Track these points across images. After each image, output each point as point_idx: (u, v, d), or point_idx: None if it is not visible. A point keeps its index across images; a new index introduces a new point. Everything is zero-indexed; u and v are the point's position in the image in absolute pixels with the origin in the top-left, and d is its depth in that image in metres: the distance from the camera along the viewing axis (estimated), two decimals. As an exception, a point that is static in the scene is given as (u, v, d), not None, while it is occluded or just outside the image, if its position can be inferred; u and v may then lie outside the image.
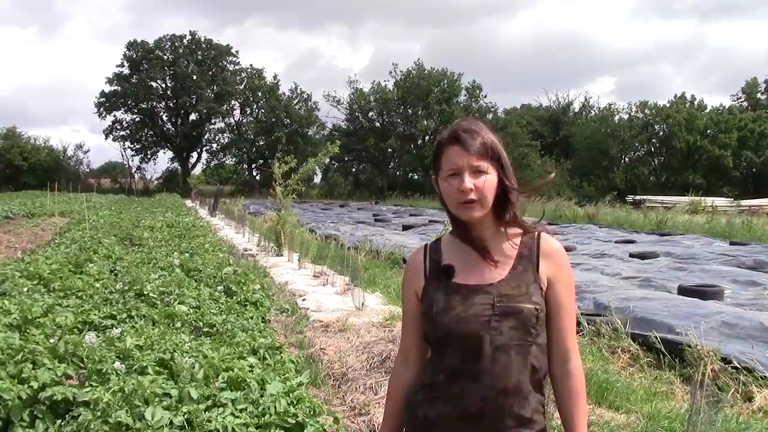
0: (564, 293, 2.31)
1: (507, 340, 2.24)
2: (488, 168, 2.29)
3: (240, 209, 30.65)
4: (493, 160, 2.30)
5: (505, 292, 2.26)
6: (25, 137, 72.87)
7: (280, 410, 4.50)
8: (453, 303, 2.34)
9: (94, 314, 7.46)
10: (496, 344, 2.25)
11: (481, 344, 2.26)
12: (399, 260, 15.87)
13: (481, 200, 2.29)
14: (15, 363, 5.14)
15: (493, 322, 2.24)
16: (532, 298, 2.25)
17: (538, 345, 2.28)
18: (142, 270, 10.75)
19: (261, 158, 76.63)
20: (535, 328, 2.25)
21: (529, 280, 2.28)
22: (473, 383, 2.29)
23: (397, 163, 79.53)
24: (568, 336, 2.32)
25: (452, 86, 73.56)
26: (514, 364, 2.24)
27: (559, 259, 2.34)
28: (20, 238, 19.95)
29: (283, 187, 17.94)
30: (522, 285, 2.27)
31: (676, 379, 7.11)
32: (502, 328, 2.24)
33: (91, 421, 4.27)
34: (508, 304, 2.23)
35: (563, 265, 2.34)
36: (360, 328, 8.87)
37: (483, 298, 2.27)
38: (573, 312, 2.32)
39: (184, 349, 5.79)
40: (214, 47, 77.47)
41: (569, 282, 2.33)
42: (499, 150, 2.33)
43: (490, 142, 2.31)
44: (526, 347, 2.25)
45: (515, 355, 2.24)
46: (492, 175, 2.30)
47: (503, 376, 2.25)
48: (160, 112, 78.13)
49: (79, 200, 37.56)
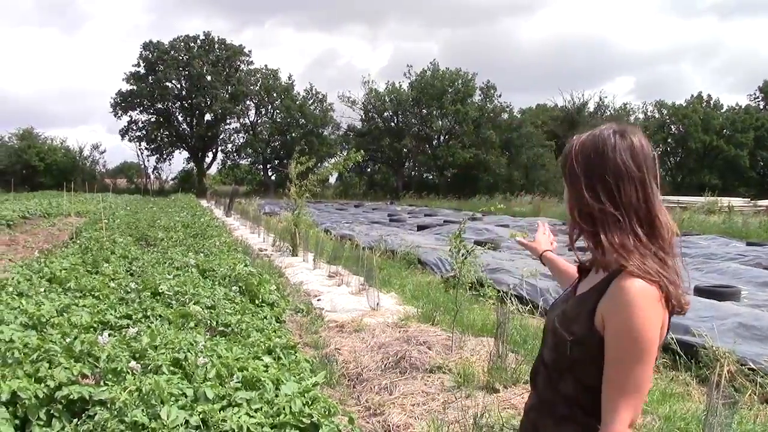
0: (612, 343, 1.99)
1: (547, 356, 2.23)
2: (565, 181, 2.20)
3: (255, 209, 30.77)
4: (563, 174, 2.20)
5: (567, 310, 2.20)
6: (42, 138, 73.20)
7: (295, 410, 4.50)
8: (556, 301, 2.39)
9: (110, 314, 7.48)
10: (543, 355, 2.27)
11: (542, 351, 2.30)
12: (414, 260, 15.85)
13: None
14: (32, 362, 5.16)
15: (548, 333, 2.25)
16: (572, 326, 2.11)
17: (574, 375, 2.12)
18: (158, 270, 10.78)
19: (276, 158, 76.71)
20: (567, 356, 2.11)
21: (585, 309, 2.09)
22: (534, 386, 2.36)
23: (412, 163, 79.46)
24: (604, 395, 2.01)
25: (467, 86, 73.42)
26: (551, 383, 2.21)
27: (618, 303, 1.98)
28: (37, 238, 20.05)
29: (298, 187, 17.94)
30: (577, 310, 2.14)
31: (692, 381, 7.08)
32: (548, 342, 2.24)
33: (108, 420, 4.28)
34: (557, 323, 2.18)
35: (620, 312, 1.97)
36: (375, 329, 8.87)
37: (560, 308, 2.26)
38: (617, 369, 1.98)
39: (199, 348, 5.80)
40: (228, 47, 77.53)
41: (619, 333, 1.97)
42: (566, 164, 2.17)
43: (565, 155, 2.19)
44: (560, 371, 2.17)
45: (553, 374, 2.20)
46: (566, 190, 2.20)
47: (543, 390, 2.26)
48: (176, 112, 78.27)
49: (95, 200, 37.75)
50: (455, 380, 6.62)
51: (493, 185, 65.20)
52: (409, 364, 7.12)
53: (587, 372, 2.07)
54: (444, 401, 6.16)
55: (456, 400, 6.12)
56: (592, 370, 2.05)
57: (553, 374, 2.19)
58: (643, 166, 2.06)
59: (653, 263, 2.00)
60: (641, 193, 2.05)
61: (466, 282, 8.34)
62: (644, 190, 2.05)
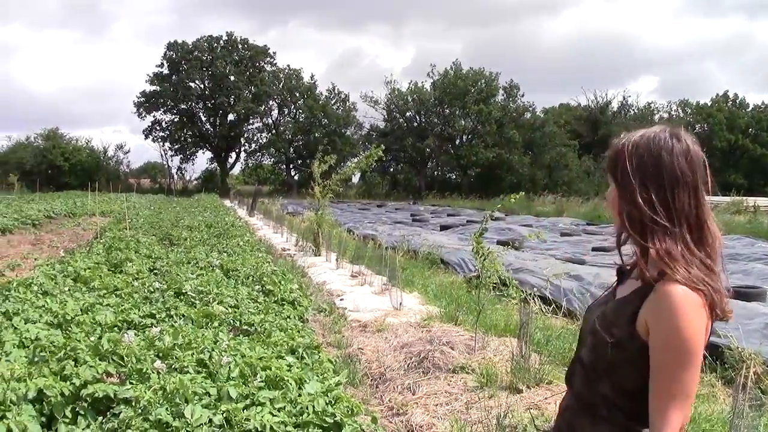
0: (658, 349, 1.98)
1: (586, 358, 2.22)
2: (610, 179, 2.18)
3: (278, 209, 30.81)
4: (610, 170, 2.17)
5: (607, 313, 2.17)
6: (67, 138, 73.70)
7: (318, 410, 4.51)
8: (594, 303, 2.38)
9: (134, 313, 7.53)
10: (581, 355, 2.26)
11: (580, 352, 2.29)
12: (437, 260, 15.83)
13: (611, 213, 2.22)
14: (57, 360, 5.20)
15: (587, 334, 2.24)
16: (613, 329, 2.09)
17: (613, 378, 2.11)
18: (181, 269, 10.84)
19: (299, 158, 76.80)
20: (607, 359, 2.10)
21: (627, 312, 2.08)
22: (570, 386, 2.36)
23: (434, 163, 79.38)
24: (652, 400, 2.00)
25: (489, 86, 73.25)
26: (589, 384, 2.20)
27: (663, 309, 1.96)
28: (62, 237, 20.19)
29: (321, 187, 17.96)
30: (617, 313, 2.13)
31: (718, 382, 7.01)
32: (587, 344, 2.23)
33: (132, 418, 4.31)
34: (597, 324, 2.16)
35: (665, 318, 1.96)
36: (398, 328, 8.87)
37: (601, 309, 2.24)
38: (664, 375, 1.97)
39: (222, 348, 5.82)
40: (250, 48, 77.75)
41: (666, 340, 1.96)
42: (616, 164, 2.14)
43: (614, 154, 2.16)
44: (598, 373, 2.16)
45: (591, 375, 2.19)
46: (611, 188, 2.19)
47: (581, 391, 2.25)
48: (199, 112, 78.57)
49: (119, 200, 37.95)
50: (478, 380, 6.60)
51: (516, 185, 64.86)
52: (432, 364, 7.12)
53: (625, 375, 2.07)
54: (467, 401, 6.15)
55: (479, 401, 6.11)
56: (630, 373, 2.06)
57: (592, 375, 2.19)
58: (696, 171, 2.05)
59: (698, 271, 1.98)
60: (693, 200, 2.04)
61: (488, 282, 8.32)
62: (696, 197, 2.04)
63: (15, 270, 12.76)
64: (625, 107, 78.72)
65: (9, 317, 6.89)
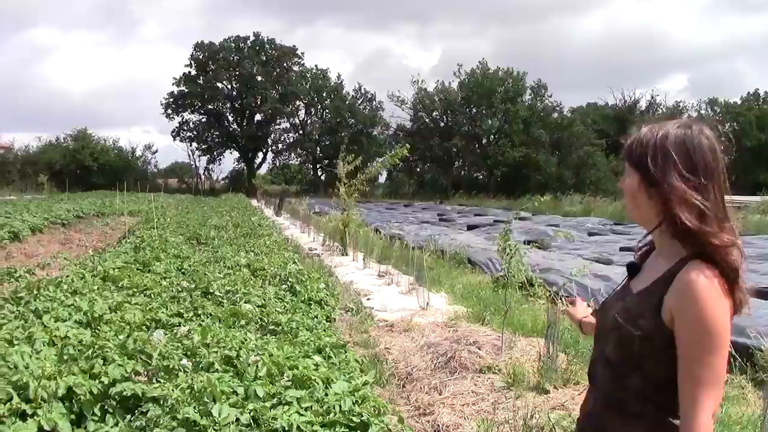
0: (684, 336, 1.98)
1: (612, 355, 2.20)
2: (628, 171, 2.17)
3: (305, 209, 30.84)
4: (633, 162, 2.15)
5: (628, 307, 2.17)
6: (95, 138, 74.23)
7: (344, 409, 4.51)
8: (610, 299, 2.36)
9: (162, 312, 7.58)
10: (606, 353, 2.24)
11: (603, 350, 2.27)
12: (464, 260, 15.79)
13: (626, 203, 2.23)
14: (86, 359, 5.24)
15: (609, 331, 2.22)
16: (639, 321, 2.08)
17: (643, 372, 2.10)
18: (209, 269, 10.89)
19: (326, 158, 76.97)
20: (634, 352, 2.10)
21: (651, 304, 2.08)
22: (593, 383, 2.36)
23: (461, 162, 79.23)
24: (683, 388, 2.00)
25: (516, 85, 73.05)
26: (617, 381, 2.19)
27: (687, 295, 1.97)
28: (91, 236, 20.38)
29: (347, 186, 17.97)
30: (642, 305, 2.12)
31: (748, 384, 6.93)
32: (610, 340, 2.21)
33: (160, 416, 4.33)
34: (619, 320, 2.15)
35: (689, 305, 1.96)
36: (425, 328, 8.85)
37: (619, 305, 2.23)
38: (693, 361, 1.97)
39: (249, 347, 5.84)
40: (277, 48, 77.98)
41: (693, 327, 1.96)
42: (641, 153, 2.12)
43: (636, 143, 2.15)
44: (627, 368, 2.14)
45: (618, 371, 2.18)
46: (630, 179, 2.17)
47: (609, 389, 2.23)
48: (226, 112, 78.91)
49: (147, 200, 38.18)
50: (505, 381, 6.58)
51: (543, 184, 64.65)
52: (459, 364, 7.10)
53: (655, 367, 2.07)
54: (494, 402, 6.13)
55: (506, 401, 6.09)
56: (660, 365, 2.06)
57: (619, 371, 2.18)
58: (721, 167, 2.08)
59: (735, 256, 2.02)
60: (719, 195, 2.06)
61: (515, 282, 8.29)
62: (722, 192, 2.07)
63: (45, 269, 12.85)
64: (653, 106, 78.16)
65: (39, 315, 6.95)
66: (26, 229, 19.13)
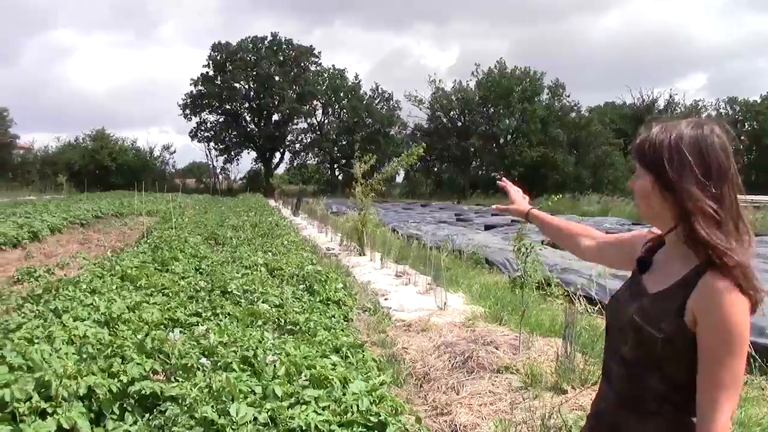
0: (707, 340, 1.98)
1: (629, 354, 2.19)
2: (640, 172, 2.15)
3: (322, 209, 30.87)
4: (645, 164, 2.13)
5: (646, 307, 2.15)
6: (114, 139, 74.60)
7: (362, 409, 4.51)
8: (621, 296, 2.35)
9: (180, 311, 7.61)
10: (621, 353, 2.23)
11: (618, 347, 2.26)
12: (481, 260, 15.76)
13: (638, 204, 2.21)
14: (105, 357, 5.27)
15: (627, 330, 2.19)
16: (661, 324, 2.06)
17: (662, 373, 2.10)
18: (227, 268, 10.92)
19: (343, 158, 77.13)
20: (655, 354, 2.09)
21: (672, 306, 2.06)
22: (606, 382, 2.34)
23: (478, 162, 79.13)
24: (702, 390, 1.99)
25: (534, 85, 72.91)
26: (634, 381, 2.18)
27: (712, 299, 1.97)
28: (109, 236, 20.47)
29: (363, 186, 17.96)
30: (662, 307, 2.10)
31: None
32: (628, 340, 2.19)
33: (179, 415, 4.35)
34: (638, 320, 2.13)
35: (714, 309, 1.96)
36: (442, 328, 8.84)
37: (635, 304, 2.21)
38: (715, 364, 1.97)
39: (267, 346, 5.86)
40: (295, 48, 78.20)
41: (714, 330, 1.96)
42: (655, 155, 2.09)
43: (649, 144, 2.12)
44: (645, 369, 2.13)
45: (636, 371, 2.17)
46: (642, 182, 2.14)
47: (624, 388, 2.22)
48: (244, 112, 79.22)
49: (165, 200, 38.34)
50: (523, 381, 6.57)
51: (560, 184, 64.50)
52: (476, 364, 7.09)
53: (675, 369, 2.07)
54: (511, 402, 6.12)
55: (523, 401, 6.07)
56: (681, 366, 2.05)
57: (636, 371, 2.17)
58: (733, 166, 2.06)
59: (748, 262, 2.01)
60: (732, 194, 2.05)
61: (532, 281, 8.26)
62: (735, 192, 2.05)
63: (64, 268, 12.96)
64: (671, 105, 77.76)
65: (58, 315, 7.00)
66: (45, 229, 19.25)
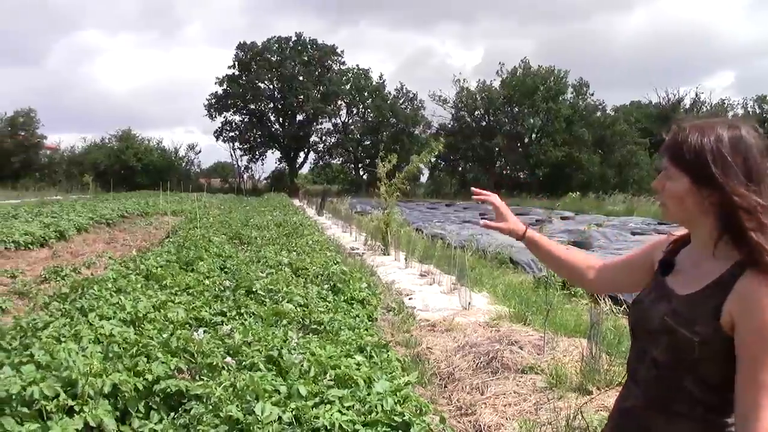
0: (747, 341, 1.96)
1: (661, 356, 2.16)
2: (675, 174, 2.11)
3: (347, 208, 30.91)
4: (683, 166, 2.09)
5: (678, 309, 2.12)
6: (139, 139, 75.03)
7: (386, 408, 4.50)
8: (645, 298, 2.32)
9: (205, 311, 7.64)
10: (652, 355, 2.20)
11: (646, 350, 2.23)
12: (506, 260, 15.73)
13: (667, 206, 2.19)
14: (131, 356, 5.30)
15: (657, 333, 2.17)
16: (696, 326, 2.04)
17: (697, 375, 2.08)
18: (251, 268, 10.94)
19: (367, 158, 77.17)
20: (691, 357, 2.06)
21: (707, 308, 2.04)
22: (635, 383, 2.30)
23: (503, 162, 78.97)
24: (743, 393, 1.97)
25: (558, 84, 72.66)
26: (665, 382, 2.15)
27: (751, 301, 1.96)
28: (135, 236, 20.57)
29: (387, 186, 17.96)
30: (696, 309, 2.07)
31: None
32: (660, 343, 2.16)
33: (203, 414, 4.37)
34: (671, 323, 2.11)
35: (753, 310, 1.95)
36: (466, 328, 8.83)
37: (663, 307, 2.18)
38: (757, 365, 1.94)
39: (291, 346, 5.87)
40: (319, 48, 78.35)
41: (756, 331, 1.94)
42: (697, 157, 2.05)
43: (689, 146, 2.08)
44: (679, 371, 2.11)
45: (668, 373, 2.14)
46: (677, 183, 2.11)
47: (653, 389, 2.20)
48: (268, 112, 79.48)
49: (190, 199, 38.53)
50: (547, 381, 6.54)
51: (585, 184, 64.23)
52: (501, 364, 7.07)
53: (711, 370, 2.05)
54: (536, 402, 6.10)
55: (548, 402, 6.05)
56: (715, 368, 2.03)
57: (668, 373, 2.14)
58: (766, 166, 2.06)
59: None
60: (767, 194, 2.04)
61: (556, 281, 8.23)
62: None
63: (90, 268, 13.04)
64: (697, 104, 77.18)
65: (85, 313, 7.05)
66: (72, 228, 19.37)
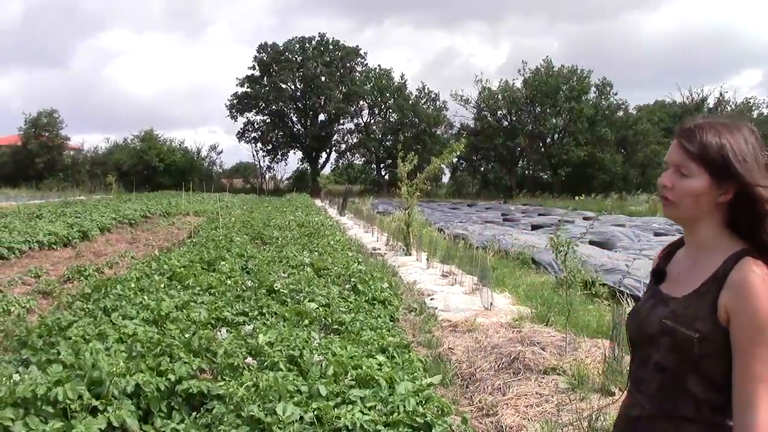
0: (740, 334, 1.98)
1: (664, 360, 2.16)
2: (694, 171, 2.10)
3: (368, 208, 30.95)
4: (704, 164, 2.08)
5: (676, 310, 2.13)
6: (162, 139, 75.33)
7: (408, 409, 4.50)
8: (642, 307, 2.33)
9: (227, 311, 7.67)
10: (655, 360, 2.19)
11: (648, 357, 2.23)
12: (528, 260, 15.67)
13: (677, 203, 2.16)
14: (153, 356, 5.33)
15: (657, 336, 2.17)
16: (695, 324, 2.05)
17: (700, 373, 2.08)
18: (273, 268, 10.97)
19: (389, 158, 77.03)
20: (692, 356, 2.07)
21: (704, 304, 2.06)
22: (639, 393, 2.28)
23: (525, 161, 78.75)
24: (740, 386, 1.98)
25: (581, 83, 72.34)
26: (670, 386, 2.15)
27: (742, 293, 1.98)
28: (157, 236, 20.65)
29: (408, 186, 17.95)
30: (694, 307, 2.09)
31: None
32: (661, 346, 2.16)
33: (225, 414, 4.38)
34: (671, 324, 2.12)
35: (744, 302, 1.97)
36: (488, 329, 8.80)
37: (661, 311, 2.19)
38: (751, 358, 1.96)
39: (313, 346, 5.88)
40: (341, 48, 78.40)
41: (749, 323, 1.96)
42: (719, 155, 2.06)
43: (710, 144, 2.08)
44: (682, 373, 2.10)
45: (672, 376, 2.14)
46: (696, 181, 2.10)
47: (659, 395, 2.19)
48: (290, 113, 79.56)
49: (212, 200, 38.66)
50: (569, 382, 6.52)
51: (608, 184, 64.00)
52: (523, 365, 7.05)
53: (714, 368, 2.05)
54: (558, 403, 6.08)
55: (570, 403, 6.02)
56: (719, 366, 2.04)
57: (675, 375, 2.13)
58: None
59: None
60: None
61: (578, 282, 8.20)
62: None
63: (113, 268, 13.12)
64: (721, 104, 76.61)
65: (108, 313, 7.10)
66: (95, 228, 19.49)
